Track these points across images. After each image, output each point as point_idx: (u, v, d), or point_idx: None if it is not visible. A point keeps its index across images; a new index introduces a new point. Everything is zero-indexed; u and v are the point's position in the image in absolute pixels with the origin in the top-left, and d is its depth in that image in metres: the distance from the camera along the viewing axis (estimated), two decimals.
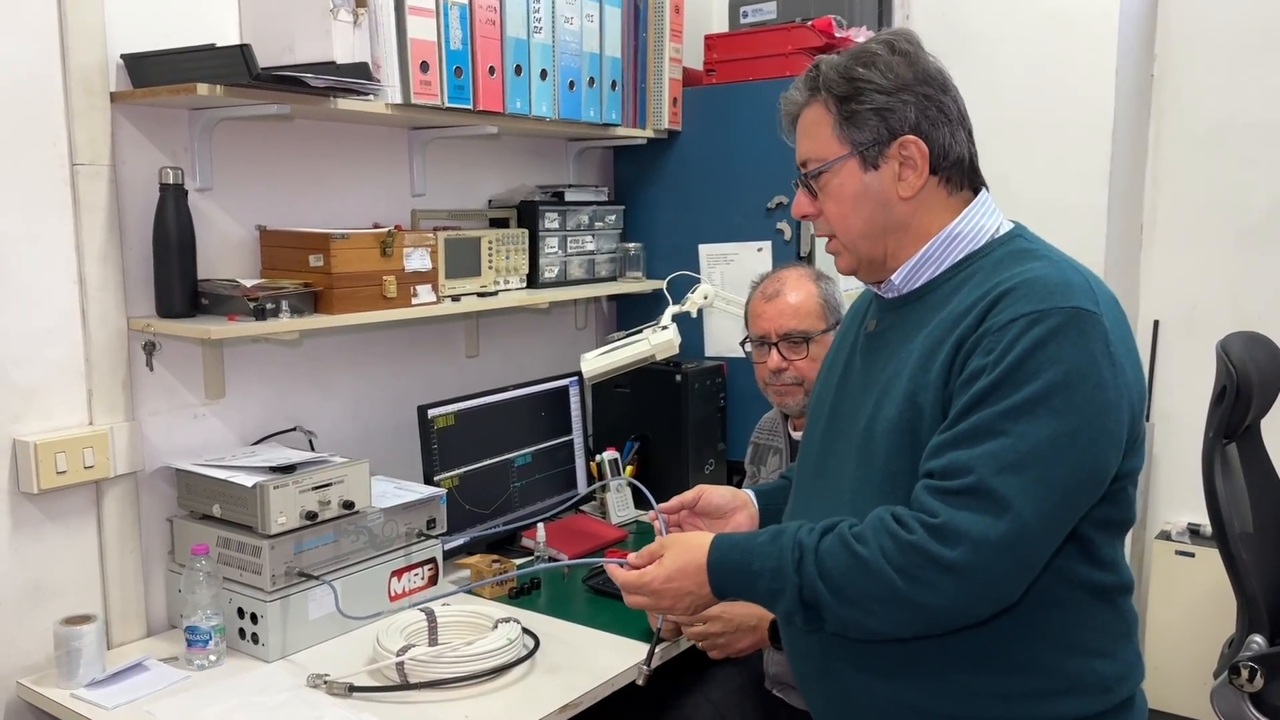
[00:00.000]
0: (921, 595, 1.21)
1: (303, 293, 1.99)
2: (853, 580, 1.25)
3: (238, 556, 1.89)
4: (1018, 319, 1.22)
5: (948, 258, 1.38)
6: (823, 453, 1.47)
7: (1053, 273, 1.27)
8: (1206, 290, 3.18)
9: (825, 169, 1.38)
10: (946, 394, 1.27)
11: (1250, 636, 2.26)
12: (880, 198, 1.37)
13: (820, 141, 1.38)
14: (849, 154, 1.36)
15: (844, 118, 1.36)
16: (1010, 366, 1.21)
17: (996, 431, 1.20)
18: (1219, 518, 2.24)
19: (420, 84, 2.07)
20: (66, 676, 1.76)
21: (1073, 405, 1.19)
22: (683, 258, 2.81)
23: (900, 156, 1.35)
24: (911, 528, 1.22)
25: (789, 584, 1.29)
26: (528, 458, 2.55)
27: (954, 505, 1.20)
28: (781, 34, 2.67)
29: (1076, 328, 1.21)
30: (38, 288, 1.82)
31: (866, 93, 1.34)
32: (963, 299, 1.32)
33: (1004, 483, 1.18)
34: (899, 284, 1.41)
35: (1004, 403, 1.20)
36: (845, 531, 1.28)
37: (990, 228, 1.38)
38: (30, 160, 1.80)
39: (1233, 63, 3.08)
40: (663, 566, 1.41)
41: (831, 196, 1.39)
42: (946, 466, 1.22)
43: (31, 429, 1.82)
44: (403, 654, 1.75)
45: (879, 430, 1.34)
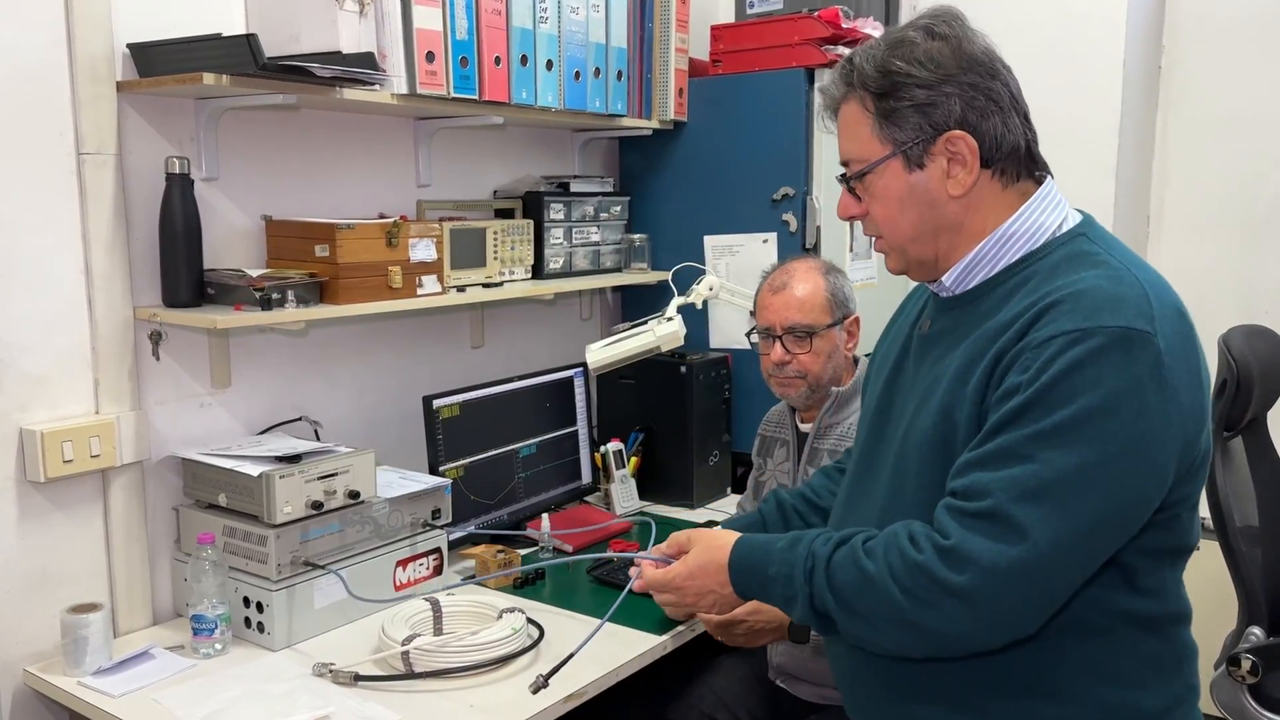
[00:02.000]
0: (926, 618, 1.17)
1: (308, 283, 1.99)
2: (859, 595, 1.23)
3: (243, 545, 1.90)
4: (1058, 336, 1.15)
5: (1003, 258, 1.29)
6: (867, 454, 1.44)
7: (1106, 285, 1.17)
8: (1213, 283, 3.17)
9: (868, 170, 1.30)
10: (983, 410, 1.21)
11: (1249, 629, 2.26)
12: (928, 198, 1.28)
13: (860, 141, 1.30)
14: (891, 154, 1.28)
15: (882, 116, 1.27)
16: (1044, 388, 1.14)
17: (1022, 456, 1.14)
18: (1219, 511, 2.24)
19: (426, 74, 2.07)
20: (73, 664, 1.77)
21: (1108, 434, 1.12)
22: (688, 249, 2.81)
23: (948, 153, 1.26)
24: (922, 547, 1.18)
25: (800, 593, 1.28)
26: (532, 448, 2.55)
27: (968, 528, 1.15)
28: (788, 24, 2.66)
29: (1122, 349, 1.12)
30: (44, 277, 1.82)
31: (905, 88, 1.25)
32: (1014, 306, 1.23)
33: (1022, 510, 1.12)
34: (950, 285, 1.33)
35: (1033, 426, 1.14)
36: (858, 545, 1.25)
37: (1051, 225, 1.28)
38: (37, 149, 1.80)
39: (1241, 55, 3.07)
40: (686, 564, 1.44)
41: (877, 198, 1.31)
42: (968, 487, 1.17)
43: (38, 418, 1.83)
44: (408, 643, 1.75)
45: (913, 442, 1.30)
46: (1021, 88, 1.36)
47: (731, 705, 2.06)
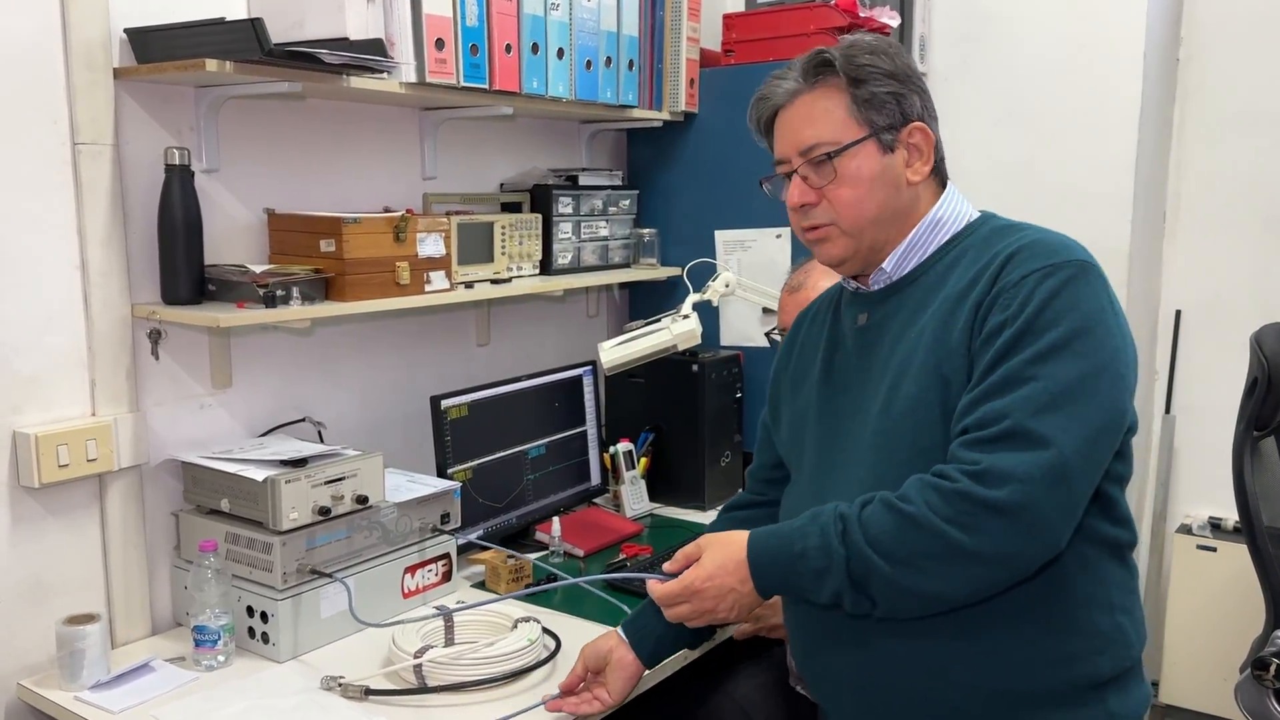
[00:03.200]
0: (974, 542, 1.21)
1: (314, 279, 1.92)
2: (903, 540, 1.24)
3: (247, 553, 1.82)
4: (1032, 273, 1.27)
5: (933, 242, 1.42)
6: (825, 449, 1.47)
7: (1049, 235, 1.34)
8: (1230, 280, 3.13)
9: (846, 149, 1.38)
10: (970, 356, 1.30)
11: (1276, 632, 2.22)
12: (894, 182, 1.40)
13: (833, 124, 1.38)
14: (869, 135, 1.38)
15: (862, 100, 1.38)
16: (1030, 316, 1.24)
17: (1026, 378, 1.22)
18: (1246, 511, 2.19)
19: (435, 62, 1.99)
20: (69, 678, 1.69)
21: (1092, 348, 1.24)
22: (699, 244, 2.75)
23: (908, 143, 1.40)
24: (955, 478, 1.22)
25: (835, 558, 1.27)
26: (541, 449, 2.48)
27: (994, 450, 1.21)
28: (803, 13, 2.59)
29: (1085, 278, 1.27)
30: (38, 272, 1.74)
31: (879, 77, 1.38)
32: (963, 272, 1.36)
33: (1041, 422, 1.20)
34: (890, 270, 1.43)
35: (1029, 350, 1.23)
36: (888, 496, 1.27)
37: (965, 213, 1.45)
38: (30, 139, 1.72)
39: (1259, 49, 3.02)
40: (702, 567, 1.39)
41: (848, 180, 1.38)
42: (981, 417, 1.24)
43: (32, 420, 1.75)
44: (420, 655, 1.68)
45: (899, 411, 1.34)
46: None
47: (751, 712, 2.00)
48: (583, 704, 1.61)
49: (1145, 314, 3.11)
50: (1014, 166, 2.93)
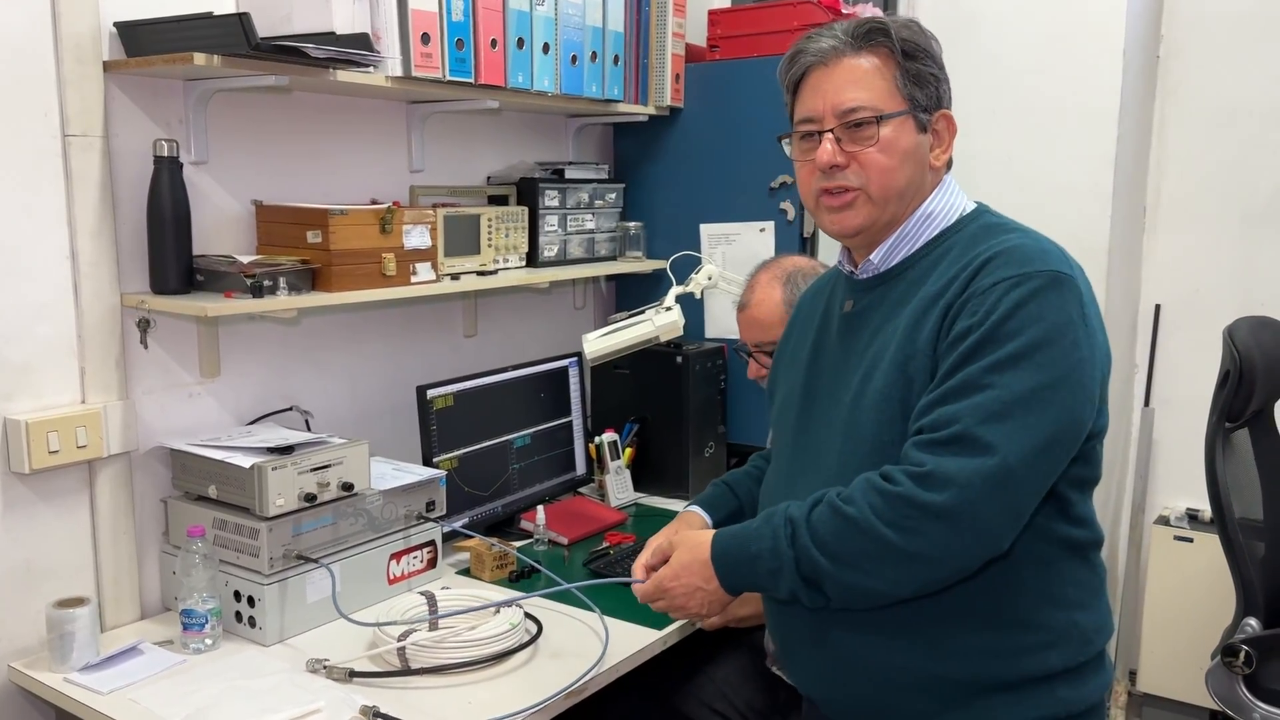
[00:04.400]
0: (913, 544, 1.24)
1: (301, 270, 1.94)
2: (846, 542, 1.28)
3: (234, 539, 1.85)
4: (1001, 282, 1.28)
5: (922, 236, 1.43)
6: (803, 430, 1.51)
7: (1030, 242, 1.34)
8: (1209, 275, 3.16)
9: (890, 117, 1.37)
10: (935, 359, 1.32)
11: (1245, 619, 2.26)
12: (922, 161, 1.41)
13: (878, 92, 1.38)
14: (909, 110, 1.38)
15: (910, 75, 1.38)
16: (994, 325, 1.26)
17: (982, 385, 1.24)
18: (1218, 501, 2.23)
19: (421, 56, 2.02)
20: (59, 660, 1.73)
21: (1053, 360, 1.25)
22: (684, 237, 2.78)
23: (935, 129, 1.41)
24: (898, 480, 1.25)
25: (785, 560, 1.32)
26: (527, 439, 2.51)
27: (940, 453, 1.24)
28: (787, 10, 2.62)
29: (1055, 290, 1.27)
30: (29, 262, 1.77)
31: (926, 59, 1.39)
32: (943, 271, 1.37)
33: (988, 430, 1.22)
34: (877, 262, 1.45)
35: (988, 358, 1.25)
36: (833, 498, 1.31)
37: (959, 206, 1.45)
38: (21, 131, 1.74)
39: (1240, 46, 3.05)
40: (670, 566, 1.46)
41: (884, 148, 1.38)
42: (935, 420, 1.26)
43: (23, 407, 1.78)
44: (404, 639, 1.72)
45: (867, 403, 1.38)
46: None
47: (730, 695, 2.05)
48: None
49: (1125, 308, 3.15)
50: (995, 160, 2.95)
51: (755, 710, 2.04)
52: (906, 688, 1.38)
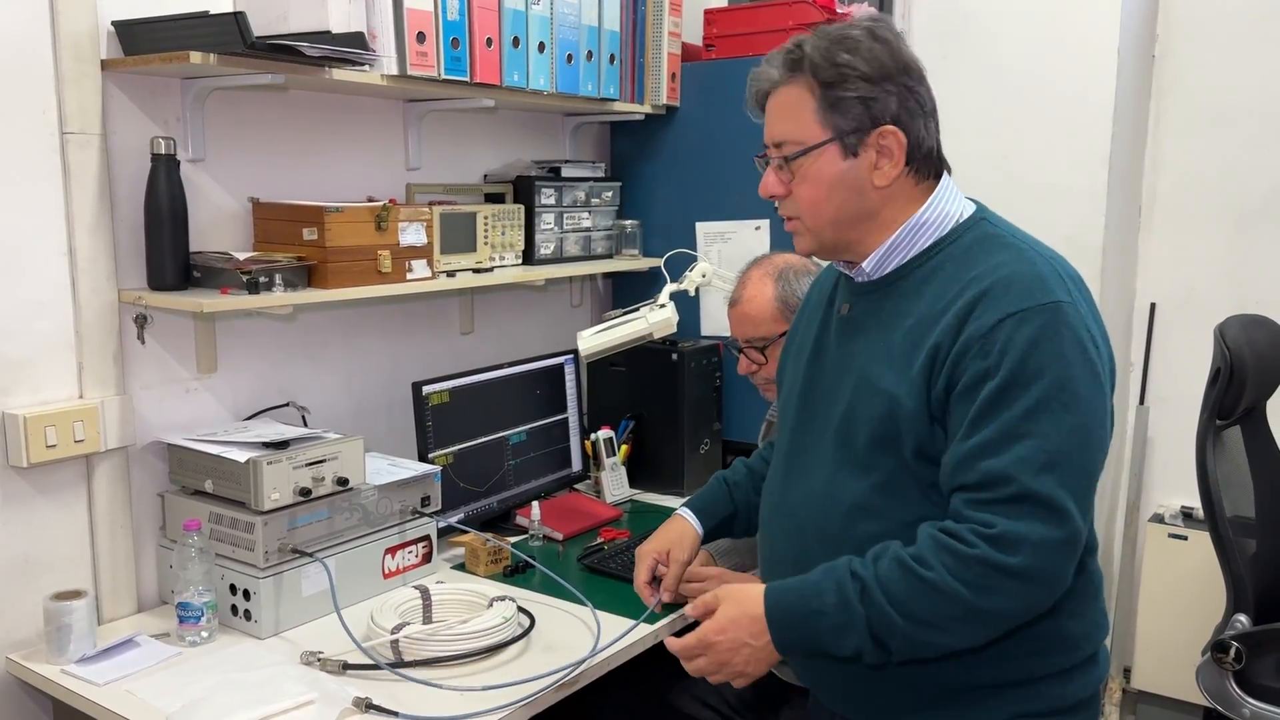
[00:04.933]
0: (993, 603, 1.26)
1: (296, 266, 1.96)
2: (922, 602, 1.27)
3: (230, 533, 1.87)
4: (1005, 320, 1.27)
5: (915, 245, 1.40)
6: (800, 429, 1.51)
7: (1024, 267, 1.32)
8: (1204, 274, 3.17)
9: (804, 152, 1.37)
10: (931, 396, 1.32)
11: (1235, 616, 2.27)
12: (856, 185, 1.37)
13: (800, 124, 1.37)
14: (830, 139, 1.36)
15: (828, 104, 1.35)
16: (1014, 368, 1.25)
17: (1021, 435, 1.25)
18: (1209, 499, 2.24)
19: (417, 55, 2.04)
20: (57, 652, 1.74)
21: (1078, 395, 1.26)
22: (680, 235, 2.79)
23: (878, 145, 1.36)
24: (972, 542, 1.25)
25: (856, 617, 1.29)
26: (523, 435, 2.53)
27: (1006, 515, 1.24)
28: (782, 9, 2.63)
29: (1063, 321, 1.27)
30: (27, 259, 1.79)
31: (852, 80, 1.34)
32: (938, 291, 1.35)
33: (1044, 484, 1.24)
34: (869, 270, 1.43)
35: (1019, 405, 1.25)
36: (902, 556, 1.29)
37: (954, 213, 1.41)
38: (19, 128, 1.76)
39: (1235, 45, 3.06)
40: (716, 620, 1.40)
41: (808, 181, 1.38)
42: (983, 478, 1.26)
43: (21, 402, 1.80)
44: (397, 632, 1.73)
45: (859, 418, 1.39)
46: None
47: (721, 688, 2.04)
48: None
49: (1120, 307, 3.16)
50: (990, 160, 2.96)
51: (746, 704, 2.05)
52: (890, 682, 1.40)
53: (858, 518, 1.39)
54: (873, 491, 1.38)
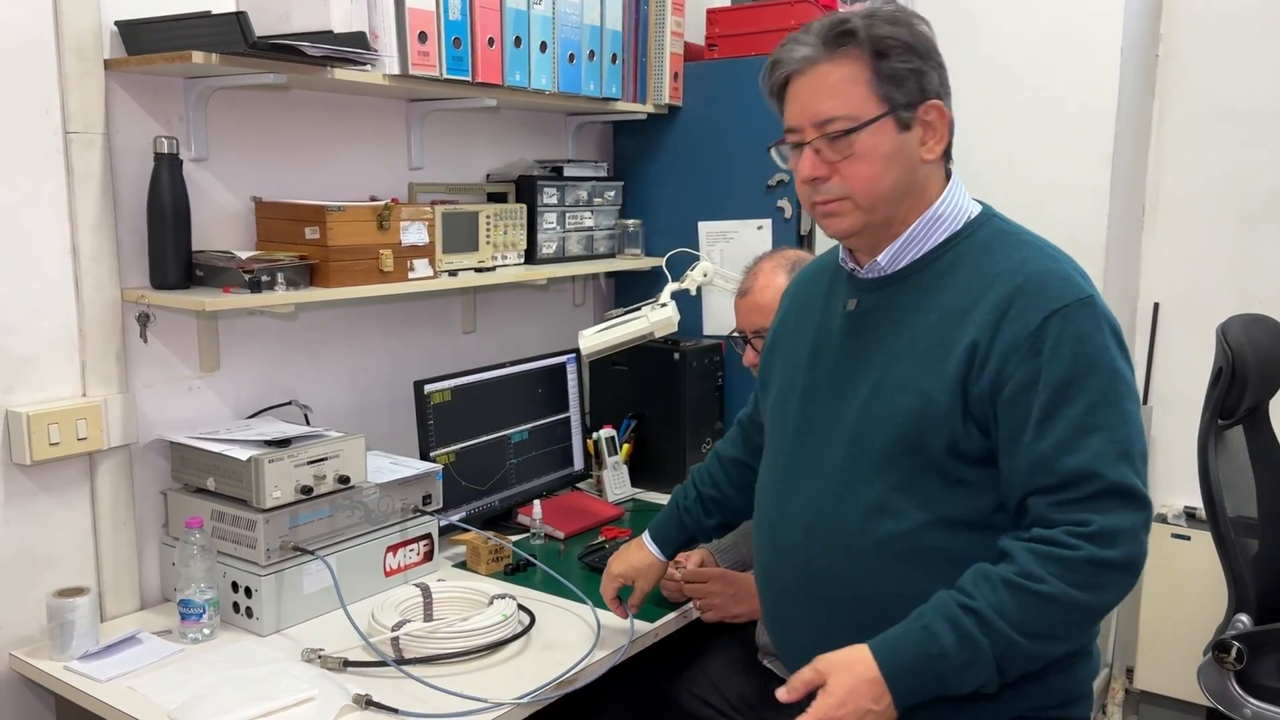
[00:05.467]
0: (1103, 599, 1.29)
1: (298, 265, 1.97)
2: (1044, 617, 1.27)
3: (232, 530, 1.88)
4: (1050, 317, 1.28)
5: (930, 239, 1.41)
6: (803, 431, 1.50)
7: (1052, 265, 1.34)
8: (1207, 273, 3.17)
9: (864, 126, 1.34)
10: (969, 394, 1.32)
11: (1236, 616, 2.27)
12: (910, 159, 1.38)
13: (852, 99, 1.34)
14: (888, 112, 1.34)
15: (884, 74, 1.34)
16: (1070, 365, 1.27)
17: (1091, 429, 1.27)
18: (1210, 498, 2.24)
19: (418, 55, 2.04)
20: (59, 649, 1.75)
21: (1127, 383, 1.31)
22: (682, 235, 2.80)
23: (924, 121, 1.37)
24: (1074, 545, 1.26)
25: (980, 650, 1.27)
26: (524, 434, 2.54)
27: (1099, 510, 1.26)
28: (785, 9, 2.63)
29: (1100, 314, 1.31)
30: (30, 257, 1.80)
31: (902, 53, 1.34)
32: (961, 285, 1.36)
33: (1123, 474, 1.27)
34: (884, 264, 1.43)
35: (1082, 401, 1.27)
36: (1008, 576, 1.28)
37: (966, 209, 1.43)
38: (23, 127, 1.77)
39: (1238, 45, 3.06)
40: (832, 695, 1.31)
41: (863, 156, 1.35)
42: (1066, 478, 1.27)
43: (24, 400, 1.81)
44: (398, 629, 1.74)
45: (880, 415, 1.37)
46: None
47: (722, 687, 2.06)
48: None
49: (1123, 306, 3.16)
50: (993, 159, 2.97)
51: (746, 702, 2.05)
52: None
53: (876, 518, 1.38)
54: (892, 491, 1.37)
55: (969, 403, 1.32)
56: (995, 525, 1.35)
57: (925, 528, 1.34)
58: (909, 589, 1.34)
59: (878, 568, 1.37)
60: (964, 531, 1.35)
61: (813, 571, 1.43)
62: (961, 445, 1.33)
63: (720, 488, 1.84)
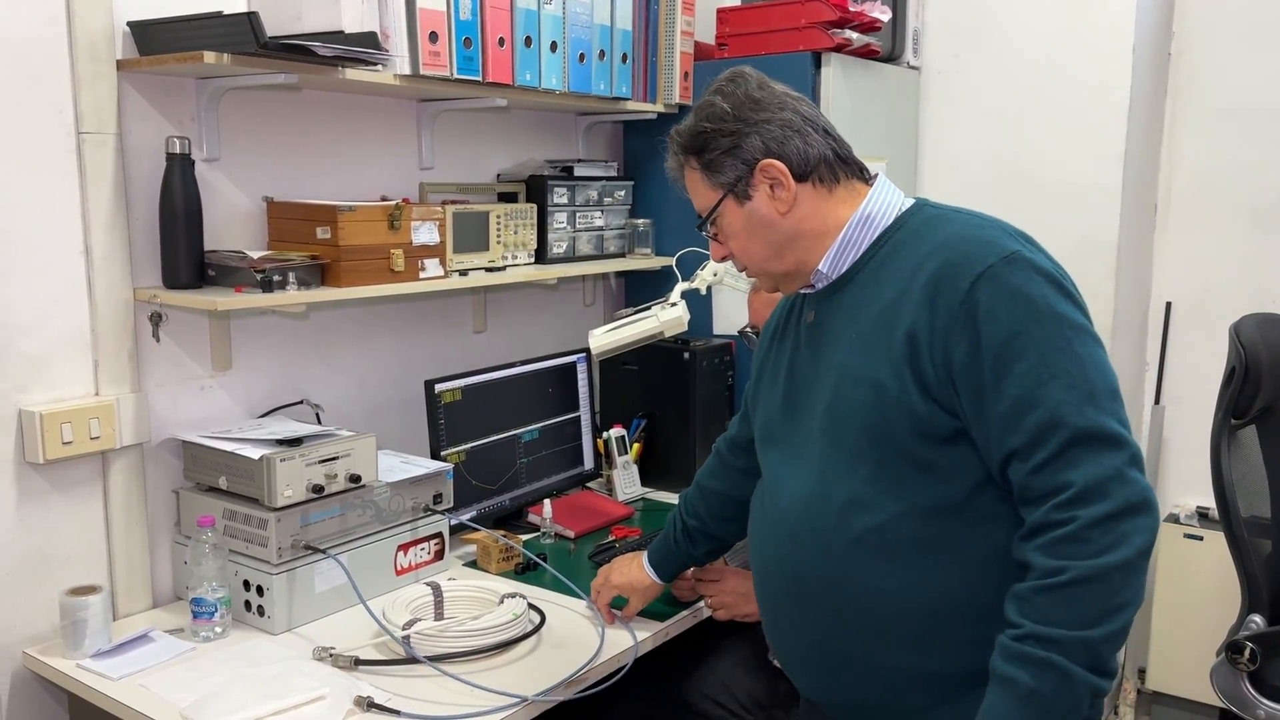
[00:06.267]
0: (1130, 549, 1.22)
1: (310, 265, 1.97)
2: (1093, 599, 1.22)
3: (244, 529, 1.89)
4: (975, 283, 1.29)
5: (865, 239, 1.46)
6: (784, 440, 1.54)
7: (972, 232, 1.36)
8: (1220, 272, 3.15)
9: (713, 215, 1.49)
10: (924, 380, 1.33)
11: (1250, 616, 2.26)
12: (764, 221, 1.46)
13: (701, 194, 1.50)
14: (723, 195, 1.47)
15: (706, 168, 1.47)
16: (1009, 323, 1.27)
17: (1045, 379, 1.25)
18: (1223, 498, 2.23)
19: (429, 55, 2.05)
20: (72, 647, 1.76)
21: (1076, 325, 1.28)
22: (692, 234, 2.74)
23: (766, 180, 1.44)
24: (1066, 518, 1.23)
25: (1058, 665, 1.22)
26: (535, 433, 2.54)
27: (1074, 464, 1.23)
28: (795, 8, 2.63)
29: (1028, 264, 1.30)
30: (44, 257, 1.81)
31: (713, 139, 1.45)
32: (895, 273, 1.39)
33: (1089, 417, 1.24)
34: (827, 271, 1.48)
35: (1031, 353, 1.26)
36: (1033, 585, 1.24)
37: (896, 204, 1.47)
38: (36, 128, 1.78)
39: (1251, 43, 3.04)
40: None
41: (729, 235, 1.50)
42: (1033, 435, 1.25)
43: (37, 399, 1.82)
44: (409, 628, 1.74)
45: (843, 410, 1.40)
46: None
47: (732, 686, 2.06)
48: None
49: (1135, 306, 3.14)
50: (1004, 158, 2.96)
51: (756, 702, 2.05)
52: (898, 685, 1.39)
53: (852, 512, 1.38)
54: (865, 484, 1.38)
55: (926, 385, 1.33)
56: (973, 509, 1.34)
57: (900, 518, 1.35)
58: (894, 583, 1.36)
59: (861, 564, 1.38)
60: (939, 518, 1.34)
61: (799, 578, 1.44)
62: (926, 427, 1.34)
63: (702, 519, 1.89)
